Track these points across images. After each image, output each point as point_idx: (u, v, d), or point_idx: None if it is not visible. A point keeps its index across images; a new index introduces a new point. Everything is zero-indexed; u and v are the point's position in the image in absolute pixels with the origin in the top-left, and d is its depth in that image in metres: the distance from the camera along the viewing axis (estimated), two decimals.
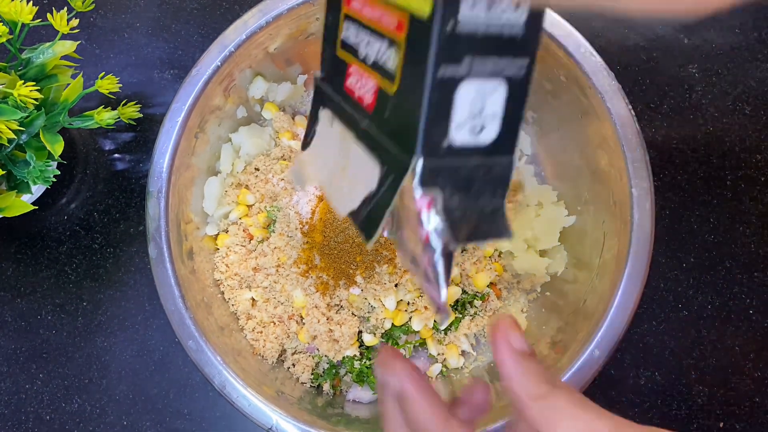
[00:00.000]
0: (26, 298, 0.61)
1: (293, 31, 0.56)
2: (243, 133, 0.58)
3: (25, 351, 0.60)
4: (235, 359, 0.51)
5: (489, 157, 0.25)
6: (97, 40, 0.65)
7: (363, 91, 0.28)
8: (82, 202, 0.62)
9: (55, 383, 0.60)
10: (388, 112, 0.26)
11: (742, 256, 0.61)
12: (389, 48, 0.26)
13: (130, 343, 0.60)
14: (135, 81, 0.64)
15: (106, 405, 0.59)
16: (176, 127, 0.52)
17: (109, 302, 0.61)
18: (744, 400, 0.59)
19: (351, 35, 0.30)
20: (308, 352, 0.56)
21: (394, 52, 0.25)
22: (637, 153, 0.51)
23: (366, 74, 0.28)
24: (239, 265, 0.56)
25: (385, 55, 0.26)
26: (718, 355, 0.60)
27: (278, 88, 0.60)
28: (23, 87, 0.46)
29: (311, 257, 0.54)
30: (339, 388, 0.56)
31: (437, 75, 0.23)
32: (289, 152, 0.58)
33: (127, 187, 0.62)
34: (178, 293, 0.50)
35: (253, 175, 0.58)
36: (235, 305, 0.56)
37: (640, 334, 0.60)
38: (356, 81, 0.29)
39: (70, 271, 0.61)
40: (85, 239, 0.62)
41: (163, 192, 0.51)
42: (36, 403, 0.59)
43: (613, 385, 0.59)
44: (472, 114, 0.24)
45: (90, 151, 0.63)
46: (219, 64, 0.53)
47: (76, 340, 0.60)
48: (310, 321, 0.54)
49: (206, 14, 0.65)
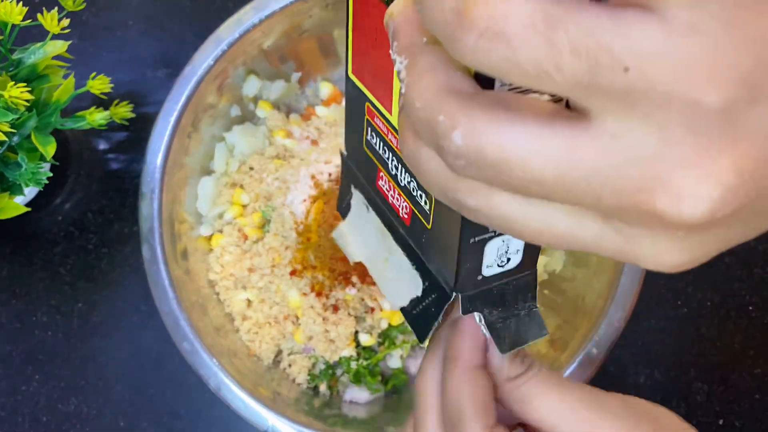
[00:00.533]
0: (21, 300, 0.61)
1: (287, 27, 0.55)
2: (237, 132, 0.58)
3: (20, 352, 0.60)
4: (230, 360, 0.51)
5: (515, 276, 0.28)
6: (89, 38, 0.64)
7: (398, 204, 0.29)
8: (76, 202, 0.62)
9: (51, 384, 0.59)
10: (425, 240, 0.28)
11: (741, 252, 0.61)
12: (419, 190, 0.27)
13: (125, 344, 0.60)
14: (128, 79, 0.63)
15: (103, 406, 0.59)
16: (169, 126, 0.52)
17: (104, 303, 0.60)
18: (743, 397, 0.59)
19: (377, 146, 0.29)
20: (304, 353, 0.56)
21: (426, 199, 0.26)
22: None
23: (399, 193, 0.29)
24: (234, 265, 0.56)
25: (417, 193, 0.27)
26: (718, 351, 0.59)
27: (272, 86, 0.59)
28: (14, 88, 0.45)
29: (306, 257, 0.53)
30: (336, 388, 0.56)
31: (468, 241, 0.25)
32: (283, 151, 0.58)
33: (121, 187, 0.62)
34: (172, 294, 0.50)
35: (248, 175, 0.57)
36: (230, 306, 0.56)
37: (638, 332, 0.60)
38: (388, 189, 0.30)
39: (64, 271, 0.61)
40: (80, 240, 0.61)
41: (156, 192, 0.51)
42: (32, 404, 0.59)
43: (612, 383, 0.59)
44: (498, 256, 0.26)
45: (83, 150, 0.63)
46: (212, 62, 0.52)
47: (72, 341, 0.60)
48: (306, 321, 0.53)
49: (199, 11, 0.65)
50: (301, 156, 0.57)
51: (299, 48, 0.58)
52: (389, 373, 0.57)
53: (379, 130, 0.28)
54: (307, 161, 0.56)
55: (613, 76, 0.14)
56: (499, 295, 0.28)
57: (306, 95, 0.62)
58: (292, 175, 0.55)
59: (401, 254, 0.30)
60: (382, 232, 0.31)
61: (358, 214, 0.33)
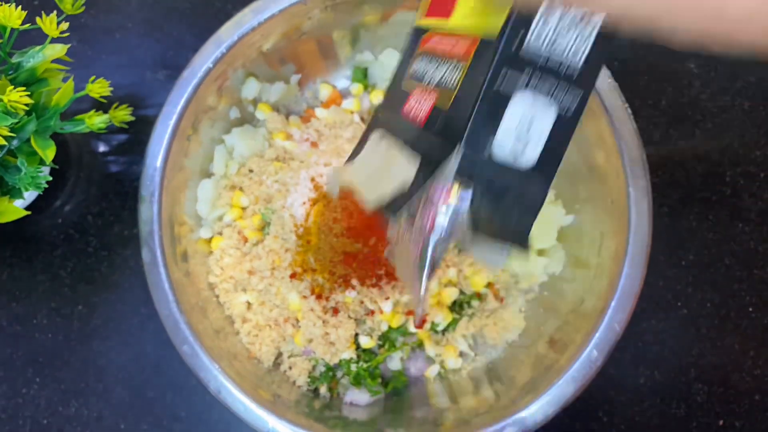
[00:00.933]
0: (21, 303, 0.61)
1: (286, 30, 0.55)
2: (236, 134, 0.58)
3: (21, 355, 0.60)
4: (230, 363, 0.51)
5: (524, 181, 0.26)
6: (88, 41, 0.64)
7: (419, 110, 0.30)
8: (75, 205, 0.62)
9: (52, 387, 0.59)
10: (439, 123, 0.28)
11: (742, 253, 0.61)
12: (455, 68, 0.28)
13: (126, 347, 0.60)
14: (127, 82, 0.63)
15: (103, 409, 0.59)
16: (168, 129, 0.52)
17: (104, 305, 0.60)
18: (743, 398, 0.59)
19: (421, 67, 0.32)
20: (304, 355, 0.56)
21: (459, 70, 0.27)
22: (634, 151, 0.50)
23: (426, 94, 0.30)
24: (234, 267, 0.55)
25: (449, 74, 0.28)
26: (718, 353, 0.59)
27: (271, 88, 0.59)
28: (13, 92, 0.45)
29: (306, 260, 0.53)
30: (336, 390, 0.56)
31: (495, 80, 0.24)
32: (283, 153, 0.58)
33: (120, 190, 0.62)
34: (172, 297, 0.50)
35: (247, 177, 0.57)
36: (230, 308, 0.56)
37: (639, 333, 0.60)
38: (415, 103, 0.31)
39: (64, 274, 0.61)
40: (80, 242, 0.61)
41: (155, 196, 0.51)
42: (33, 407, 0.59)
43: (612, 384, 0.59)
44: (518, 130, 0.25)
45: (83, 153, 0.63)
46: (211, 65, 0.52)
47: (72, 344, 0.60)
48: (306, 324, 0.53)
49: (198, 14, 0.65)
50: (300, 158, 0.57)
51: (298, 50, 0.58)
52: (389, 375, 0.57)
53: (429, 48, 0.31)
54: (306, 163, 0.56)
55: None
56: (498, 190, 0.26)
57: (305, 97, 0.62)
58: (291, 178, 0.55)
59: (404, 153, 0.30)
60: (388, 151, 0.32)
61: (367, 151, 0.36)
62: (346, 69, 0.61)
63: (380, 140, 0.34)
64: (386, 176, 0.31)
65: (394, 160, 0.31)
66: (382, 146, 0.34)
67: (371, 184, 0.33)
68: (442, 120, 0.28)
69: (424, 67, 0.32)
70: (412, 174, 0.28)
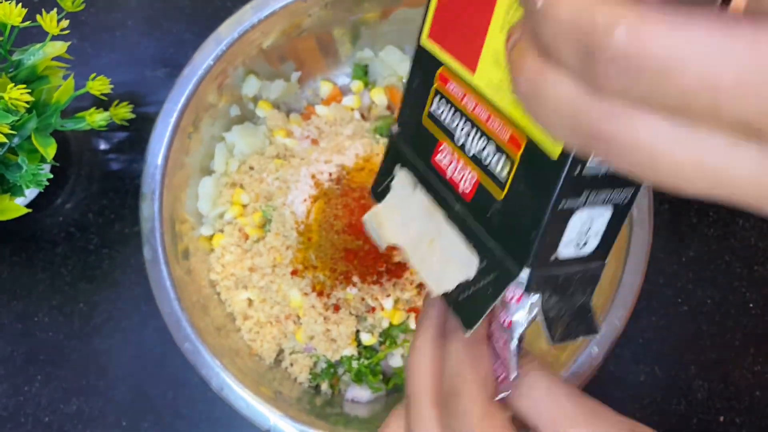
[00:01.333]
0: (22, 301, 0.61)
1: (286, 27, 0.55)
2: (236, 132, 0.58)
3: (22, 353, 0.60)
4: (232, 360, 0.51)
5: (586, 264, 0.27)
6: (88, 38, 0.64)
7: (459, 177, 0.28)
8: (76, 202, 0.62)
9: (53, 385, 0.59)
10: (492, 213, 0.26)
11: (742, 250, 0.61)
12: (498, 154, 0.26)
13: (127, 344, 0.60)
14: (127, 79, 0.63)
15: (105, 406, 0.59)
16: (169, 127, 0.52)
17: (105, 303, 0.60)
18: (744, 394, 0.59)
19: (443, 115, 0.29)
20: (306, 352, 0.56)
21: (506, 163, 0.25)
22: None
23: (464, 164, 0.28)
24: (235, 265, 0.56)
25: (492, 159, 0.26)
26: (718, 349, 0.59)
27: (271, 85, 0.59)
28: (14, 90, 0.45)
29: (307, 257, 0.53)
30: (337, 387, 0.56)
31: (557, 208, 0.24)
32: (283, 150, 0.58)
33: (121, 188, 0.62)
34: (174, 295, 0.50)
35: (248, 175, 0.57)
36: (231, 306, 0.56)
37: (639, 329, 0.60)
38: (449, 163, 0.29)
39: (65, 272, 0.61)
40: (80, 240, 0.61)
41: (156, 193, 0.51)
42: (34, 405, 0.59)
43: (612, 381, 0.59)
44: (579, 234, 0.25)
45: (83, 151, 0.63)
46: (212, 62, 0.52)
47: (73, 341, 0.60)
48: (307, 321, 0.53)
49: (198, 11, 0.65)
50: (301, 155, 0.57)
51: (299, 47, 0.58)
52: (391, 372, 0.57)
53: (450, 97, 0.28)
54: (307, 161, 0.56)
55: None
56: (563, 283, 0.26)
57: (306, 94, 0.62)
58: (292, 175, 0.55)
59: (453, 233, 0.29)
60: (430, 213, 0.30)
61: (401, 195, 0.32)
62: (347, 66, 0.61)
63: (413, 188, 0.31)
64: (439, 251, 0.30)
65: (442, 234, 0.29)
66: (418, 198, 0.31)
67: (422, 254, 0.31)
68: (497, 214, 0.26)
69: (449, 116, 0.28)
70: (473, 271, 0.28)
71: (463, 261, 0.28)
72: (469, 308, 0.28)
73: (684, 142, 0.16)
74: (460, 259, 0.28)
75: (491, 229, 0.27)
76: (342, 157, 0.55)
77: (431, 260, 0.30)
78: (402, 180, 0.32)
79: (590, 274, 0.27)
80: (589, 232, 0.25)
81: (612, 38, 0.15)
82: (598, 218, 0.25)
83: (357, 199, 0.52)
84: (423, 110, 0.30)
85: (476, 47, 0.26)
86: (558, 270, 0.26)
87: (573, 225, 0.25)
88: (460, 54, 0.27)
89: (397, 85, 0.60)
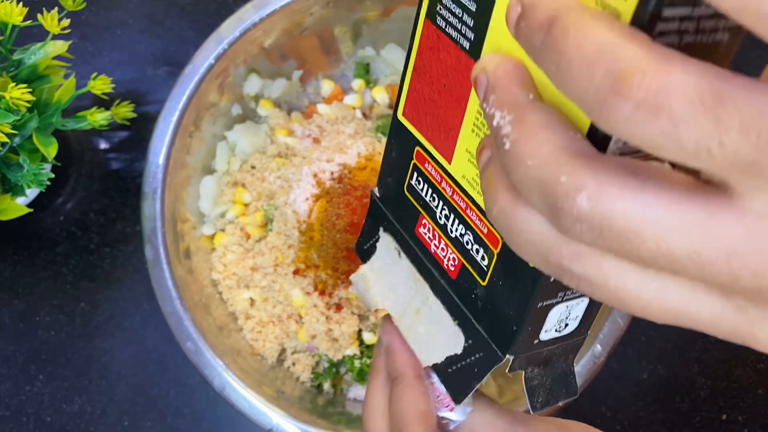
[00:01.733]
0: (24, 300, 0.61)
1: (288, 25, 0.55)
2: (238, 130, 0.58)
3: (24, 352, 0.60)
4: (234, 359, 0.51)
5: (567, 341, 0.27)
6: (89, 37, 0.64)
7: (443, 255, 0.28)
8: (77, 202, 0.62)
9: (55, 384, 0.59)
10: (477, 296, 0.27)
11: None
12: (477, 245, 0.26)
13: (129, 343, 0.60)
14: (129, 78, 0.63)
15: (107, 405, 0.59)
16: (170, 126, 0.52)
17: (107, 302, 0.60)
18: (747, 392, 0.59)
19: (423, 192, 0.28)
20: (308, 352, 0.56)
21: (485, 254, 0.26)
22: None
23: (446, 245, 0.28)
24: (237, 264, 0.55)
25: (473, 247, 0.26)
26: (721, 347, 0.59)
27: (273, 84, 0.59)
28: (15, 89, 0.45)
29: (309, 256, 0.53)
30: (340, 387, 0.56)
31: (536, 306, 0.24)
32: (285, 149, 0.58)
33: (122, 187, 0.62)
34: (176, 295, 0.50)
35: (249, 174, 0.57)
36: (233, 305, 0.55)
37: (642, 328, 0.60)
38: (431, 238, 0.29)
39: (67, 271, 0.61)
40: (82, 239, 0.61)
41: (158, 193, 0.51)
42: (36, 404, 0.59)
43: (616, 379, 0.59)
44: (559, 322, 0.26)
45: (85, 150, 0.63)
46: (213, 61, 0.52)
47: (75, 341, 0.60)
48: (309, 320, 0.53)
49: (199, 9, 0.64)
50: (303, 154, 0.57)
51: (300, 46, 0.58)
52: None
53: (429, 177, 0.28)
54: (309, 159, 0.56)
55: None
56: (546, 356, 0.27)
57: (307, 93, 0.61)
58: (294, 174, 0.55)
59: (439, 306, 0.29)
60: (416, 281, 0.30)
61: (386, 259, 0.32)
62: (348, 65, 0.61)
63: (398, 255, 0.31)
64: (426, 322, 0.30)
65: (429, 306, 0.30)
66: (403, 266, 0.31)
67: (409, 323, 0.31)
68: (481, 298, 0.26)
69: (428, 194, 0.28)
70: (459, 347, 0.28)
71: (450, 335, 0.29)
72: (457, 382, 0.29)
73: (649, 285, 0.17)
74: (447, 333, 0.29)
75: (476, 311, 0.27)
76: (344, 156, 0.54)
77: (418, 330, 0.31)
78: (385, 243, 0.32)
79: (572, 346, 0.28)
80: (569, 318, 0.26)
81: (575, 203, 0.16)
82: (576, 307, 0.26)
83: (359, 198, 0.52)
84: (404, 181, 0.29)
85: (450, 140, 0.26)
86: (540, 349, 0.27)
87: (552, 316, 0.25)
88: (435, 142, 0.27)
89: (398, 83, 0.60)
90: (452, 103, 0.25)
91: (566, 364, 0.28)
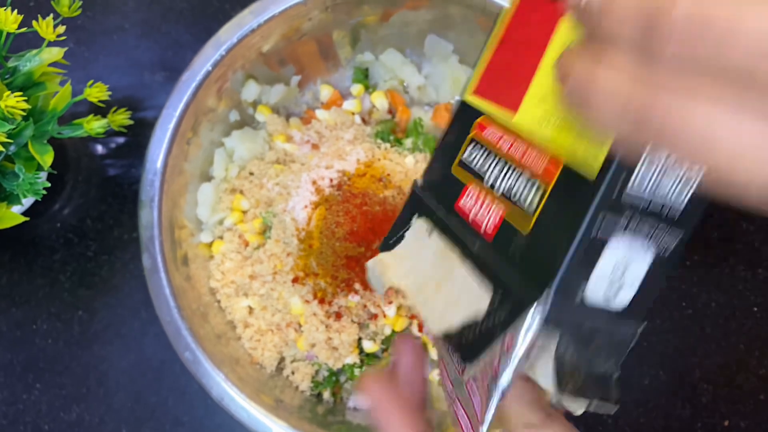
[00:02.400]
0: (21, 308, 0.60)
1: (286, 31, 0.55)
2: (236, 137, 0.57)
3: (21, 361, 0.59)
4: (232, 368, 0.51)
5: (615, 322, 0.25)
6: (85, 43, 0.63)
7: (482, 217, 0.28)
8: (74, 208, 0.61)
9: (53, 393, 0.59)
10: (515, 249, 0.25)
11: (746, 253, 0.60)
12: (529, 186, 0.25)
13: (127, 351, 0.59)
14: (125, 84, 0.62)
15: (105, 414, 0.59)
16: (168, 133, 0.51)
17: (104, 310, 0.60)
18: (749, 398, 0.59)
19: (476, 160, 0.29)
20: (307, 360, 0.55)
21: (536, 193, 0.25)
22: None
23: (489, 200, 0.28)
24: (235, 272, 0.55)
25: (522, 192, 0.26)
26: (723, 352, 0.59)
27: (271, 90, 0.58)
28: (10, 97, 0.45)
29: (308, 264, 0.53)
30: (339, 395, 0.56)
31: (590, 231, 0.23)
32: (283, 156, 0.57)
33: (119, 193, 0.61)
34: (174, 303, 0.49)
35: (248, 180, 0.57)
36: (231, 313, 0.55)
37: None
38: (473, 204, 0.29)
39: (64, 279, 0.60)
40: (79, 247, 0.61)
41: (155, 200, 0.50)
42: (34, 413, 0.59)
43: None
44: (613, 274, 0.24)
45: (81, 156, 0.62)
46: (211, 67, 0.52)
47: (73, 348, 0.59)
48: (309, 329, 0.53)
49: (196, 14, 0.64)
50: (301, 160, 0.56)
51: (298, 51, 0.58)
52: None
53: (487, 142, 0.29)
54: (308, 166, 0.55)
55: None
56: (587, 335, 0.25)
57: (306, 99, 0.61)
58: (292, 181, 0.55)
59: (465, 276, 0.28)
60: (443, 256, 0.30)
61: (411, 244, 0.32)
62: (347, 70, 0.61)
63: (429, 235, 0.31)
64: (446, 293, 0.29)
65: (454, 276, 0.28)
66: (432, 244, 0.30)
67: (426, 296, 0.30)
68: (520, 247, 0.25)
69: (481, 160, 0.29)
70: (483, 306, 0.26)
71: (472, 300, 0.27)
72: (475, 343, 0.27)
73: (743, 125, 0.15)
74: (468, 299, 0.27)
75: (512, 263, 0.25)
76: (343, 163, 0.54)
77: (435, 303, 0.30)
78: (417, 229, 0.32)
79: (618, 339, 0.25)
80: (624, 277, 0.24)
81: (676, 8, 0.15)
82: (636, 262, 0.24)
83: (358, 205, 0.52)
84: (453, 161, 0.31)
85: (521, 91, 0.27)
86: (582, 316, 0.24)
87: (606, 260, 0.23)
88: (504, 100, 0.28)
89: (397, 88, 0.60)
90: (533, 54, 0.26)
91: (608, 368, 0.26)
